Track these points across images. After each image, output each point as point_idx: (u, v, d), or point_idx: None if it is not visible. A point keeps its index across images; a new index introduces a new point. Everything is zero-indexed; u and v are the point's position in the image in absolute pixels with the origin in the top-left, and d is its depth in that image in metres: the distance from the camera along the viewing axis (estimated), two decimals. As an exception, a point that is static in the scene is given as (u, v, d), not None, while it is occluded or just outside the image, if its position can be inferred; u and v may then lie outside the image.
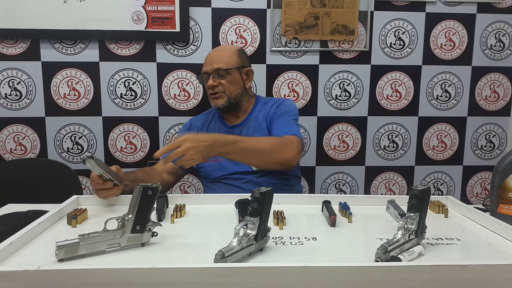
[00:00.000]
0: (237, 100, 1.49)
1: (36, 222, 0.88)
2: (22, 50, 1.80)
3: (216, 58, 1.46)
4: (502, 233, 0.90)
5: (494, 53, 1.98)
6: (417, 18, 1.92)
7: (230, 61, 1.46)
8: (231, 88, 1.46)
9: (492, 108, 2.03)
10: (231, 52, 1.49)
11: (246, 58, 1.55)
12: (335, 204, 1.07)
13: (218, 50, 1.53)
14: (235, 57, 1.48)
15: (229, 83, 1.46)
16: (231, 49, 1.51)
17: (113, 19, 1.79)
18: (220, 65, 1.44)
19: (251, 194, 0.78)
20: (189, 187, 1.98)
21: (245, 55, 1.55)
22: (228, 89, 1.46)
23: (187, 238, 0.90)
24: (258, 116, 1.51)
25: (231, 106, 1.48)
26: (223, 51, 1.50)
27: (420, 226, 0.82)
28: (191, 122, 1.62)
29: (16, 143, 1.86)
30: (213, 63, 1.45)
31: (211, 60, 1.47)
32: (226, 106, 1.47)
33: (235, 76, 1.47)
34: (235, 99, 1.48)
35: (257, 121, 1.50)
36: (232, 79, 1.46)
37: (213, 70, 1.45)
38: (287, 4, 1.85)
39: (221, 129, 1.53)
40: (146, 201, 0.82)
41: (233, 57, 1.48)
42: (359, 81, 1.95)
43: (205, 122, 1.58)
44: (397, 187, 2.05)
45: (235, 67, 1.47)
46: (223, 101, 1.46)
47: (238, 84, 1.49)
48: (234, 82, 1.47)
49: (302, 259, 0.79)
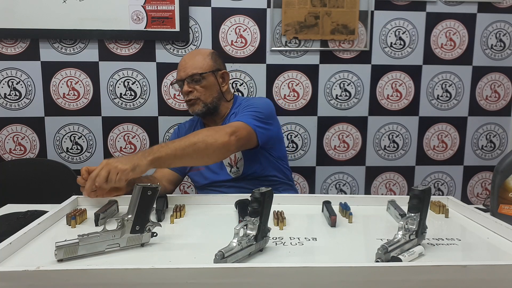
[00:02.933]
0: (214, 105, 1.45)
1: (36, 222, 0.88)
2: (21, 50, 1.80)
3: (189, 64, 1.43)
4: (502, 234, 0.90)
5: (495, 53, 1.98)
6: (418, 17, 1.92)
7: (203, 65, 1.43)
8: (207, 93, 1.43)
9: (492, 108, 2.02)
10: (204, 56, 1.45)
11: (220, 60, 1.51)
12: (335, 204, 1.07)
13: (190, 55, 1.49)
14: (209, 60, 1.45)
15: (204, 88, 1.42)
16: (204, 53, 1.47)
17: (112, 18, 1.79)
18: (194, 71, 1.41)
19: (251, 194, 0.78)
20: (189, 187, 1.98)
21: (219, 58, 1.51)
22: (204, 95, 1.42)
23: (187, 238, 0.90)
24: (231, 118, 1.47)
25: (209, 111, 1.45)
26: (196, 56, 1.46)
27: (421, 226, 0.81)
28: (179, 127, 1.62)
29: (15, 143, 1.86)
30: (187, 69, 1.42)
31: (185, 66, 1.43)
32: (203, 112, 1.44)
33: (210, 80, 1.44)
34: (211, 103, 1.44)
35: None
36: (208, 83, 1.43)
37: (187, 76, 1.41)
38: (287, 3, 1.84)
39: None
40: (145, 201, 0.82)
41: (206, 61, 1.44)
42: (359, 81, 1.95)
43: (191, 127, 1.57)
44: (397, 187, 2.05)
45: (210, 70, 1.43)
46: (200, 107, 1.43)
47: (214, 88, 1.45)
48: (210, 87, 1.43)
49: (302, 259, 0.79)
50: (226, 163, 1.45)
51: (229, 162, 1.45)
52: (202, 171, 1.47)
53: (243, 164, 1.43)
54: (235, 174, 1.44)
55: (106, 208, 1.00)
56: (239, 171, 1.44)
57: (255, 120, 1.34)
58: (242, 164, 1.44)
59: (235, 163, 1.44)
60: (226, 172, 1.45)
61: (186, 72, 1.42)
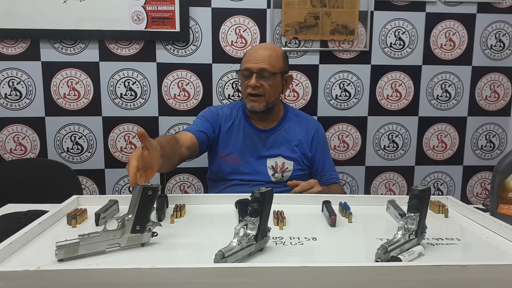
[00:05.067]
0: (273, 105, 1.44)
1: (36, 222, 0.88)
2: (22, 50, 1.80)
3: (263, 57, 1.38)
4: (502, 233, 0.90)
5: (494, 53, 1.98)
6: (417, 18, 1.92)
7: (276, 63, 1.39)
8: (271, 93, 1.40)
9: (492, 108, 2.03)
10: (278, 55, 1.41)
11: (287, 62, 1.48)
12: (335, 204, 1.07)
13: (265, 48, 1.43)
14: (281, 60, 1.42)
15: (271, 87, 1.39)
16: (278, 51, 1.43)
17: (113, 19, 1.79)
18: (267, 66, 1.37)
19: (251, 194, 0.78)
20: (189, 187, 1.98)
21: (287, 59, 1.48)
22: (268, 93, 1.39)
23: (187, 238, 0.90)
24: (289, 129, 1.48)
25: (267, 110, 1.43)
26: (270, 51, 1.41)
27: (420, 226, 0.82)
28: (218, 110, 1.51)
29: (16, 143, 1.86)
30: (259, 62, 1.37)
31: (258, 58, 1.38)
32: (262, 110, 1.42)
33: (278, 80, 1.41)
34: (272, 103, 1.43)
35: (288, 134, 1.48)
36: (275, 83, 1.40)
37: (258, 70, 1.37)
38: (287, 4, 1.84)
39: (246, 130, 1.47)
40: (146, 201, 0.82)
41: (279, 60, 1.41)
42: (359, 81, 1.95)
43: (230, 117, 1.49)
44: (397, 187, 2.05)
45: (280, 71, 1.41)
46: (261, 105, 1.40)
47: (278, 89, 1.43)
48: (275, 87, 1.41)
49: (302, 259, 0.79)
50: (270, 165, 1.45)
51: (273, 165, 1.45)
52: (240, 165, 1.44)
53: (289, 176, 1.45)
54: (277, 179, 1.46)
55: (106, 208, 1.00)
56: (283, 178, 1.45)
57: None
58: (288, 176, 1.45)
59: (281, 171, 1.45)
60: (267, 174, 1.45)
61: (258, 65, 1.37)
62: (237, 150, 1.45)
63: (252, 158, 1.45)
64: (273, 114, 1.49)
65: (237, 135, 1.47)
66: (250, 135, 1.47)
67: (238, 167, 1.45)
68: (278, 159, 1.46)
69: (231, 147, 1.46)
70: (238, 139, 1.46)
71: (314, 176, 1.51)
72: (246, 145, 1.46)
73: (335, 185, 1.53)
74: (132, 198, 0.83)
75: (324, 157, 1.53)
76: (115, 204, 1.05)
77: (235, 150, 1.45)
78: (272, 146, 1.47)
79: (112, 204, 1.03)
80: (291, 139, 1.48)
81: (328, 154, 1.57)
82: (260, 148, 1.46)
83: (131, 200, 0.82)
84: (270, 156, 1.46)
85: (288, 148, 1.47)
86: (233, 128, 1.48)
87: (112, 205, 1.03)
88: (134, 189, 0.82)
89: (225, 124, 1.48)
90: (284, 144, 1.47)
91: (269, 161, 1.45)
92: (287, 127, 1.49)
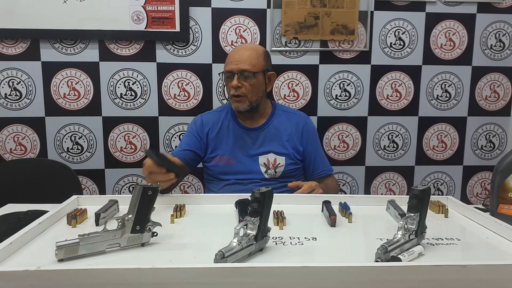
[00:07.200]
0: (257, 103, 1.45)
1: (36, 222, 0.88)
2: (22, 50, 1.80)
3: (243, 58, 1.40)
4: (502, 233, 0.90)
5: (494, 53, 1.98)
6: (417, 18, 1.92)
7: (257, 63, 1.41)
8: (253, 92, 1.41)
9: (492, 108, 2.03)
10: (258, 54, 1.43)
11: (270, 60, 1.49)
12: (335, 204, 1.07)
13: (245, 49, 1.44)
14: (262, 59, 1.43)
15: (252, 87, 1.40)
16: (258, 50, 1.44)
17: (113, 19, 1.79)
18: (247, 67, 1.39)
19: (251, 194, 0.78)
20: (189, 187, 1.98)
21: (269, 58, 1.49)
22: (251, 93, 1.41)
23: (187, 238, 0.90)
24: (279, 125, 1.49)
25: (252, 109, 1.45)
26: (250, 51, 1.42)
27: (420, 226, 0.82)
28: (202, 118, 1.54)
29: (16, 143, 1.86)
30: (240, 63, 1.39)
31: (238, 60, 1.40)
32: (247, 110, 1.43)
33: (260, 79, 1.43)
34: (256, 102, 1.44)
35: (278, 130, 1.49)
36: (257, 82, 1.41)
37: (239, 71, 1.39)
38: (287, 4, 1.84)
39: (236, 130, 1.49)
40: (146, 201, 0.82)
41: (259, 59, 1.42)
42: (359, 81, 1.95)
43: (217, 121, 1.51)
44: (397, 187, 2.05)
45: (261, 70, 1.42)
46: (245, 105, 1.42)
47: (261, 87, 1.44)
48: (257, 86, 1.42)
49: (302, 259, 0.79)
50: (262, 163, 1.46)
51: (265, 162, 1.45)
52: (233, 165, 1.46)
53: (282, 171, 1.46)
54: (270, 175, 1.46)
55: (106, 208, 1.00)
56: (276, 174, 1.46)
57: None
58: (281, 171, 1.46)
59: (274, 167, 1.46)
60: (260, 172, 1.46)
61: (239, 66, 1.39)
62: (229, 151, 1.47)
63: (244, 157, 1.47)
64: (259, 112, 1.50)
65: (227, 137, 1.49)
66: (240, 134, 1.48)
67: (231, 167, 1.47)
68: (270, 155, 1.46)
69: (223, 149, 1.48)
70: (229, 140, 1.48)
71: (306, 169, 1.53)
72: (237, 145, 1.47)
73: (329, 179, 1.54)
74: (132, 198, 0.83)
75: (315, 149, 1.53)
76: (115, 204, 1.05)
77: (227, 152, 1.47)
78: (262, 143, 1.48)
79: (112, 204, 1.03)
80: (281, 135, 1.49)
81: (319, 146, 1.56)
82: (251, 147, 1.48)
83: (131, 200, 0.83)
84: (261, 153, 1.47)
85: (279, 144, 1.48)
86: (222, 130, 1.50)
87: (112, 205, 1.03)
88: (134, 189, 0.82)
89: (212, 130, 1.50)
90: (274, 140, 1.48)
91: (261, 158, 1.46)
92: (276, 123, 1.51)
